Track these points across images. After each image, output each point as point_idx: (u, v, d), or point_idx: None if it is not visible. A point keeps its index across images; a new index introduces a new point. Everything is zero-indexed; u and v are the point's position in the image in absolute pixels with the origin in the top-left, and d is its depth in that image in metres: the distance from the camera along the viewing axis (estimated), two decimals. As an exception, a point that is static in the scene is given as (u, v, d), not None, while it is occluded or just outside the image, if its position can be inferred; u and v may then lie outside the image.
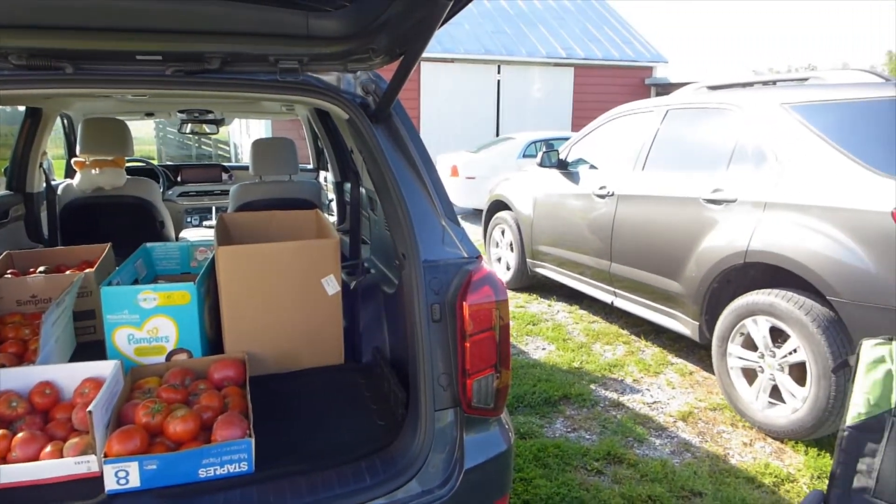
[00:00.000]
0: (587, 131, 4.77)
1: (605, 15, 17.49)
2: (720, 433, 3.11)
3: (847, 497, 1.63)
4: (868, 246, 2.56)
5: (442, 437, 1.55)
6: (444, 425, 1.56)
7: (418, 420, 1.56)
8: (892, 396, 1.58)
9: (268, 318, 2.10)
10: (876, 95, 2.77)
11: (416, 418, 1.57)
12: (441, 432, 1.56)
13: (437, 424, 1.55)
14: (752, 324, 3.06)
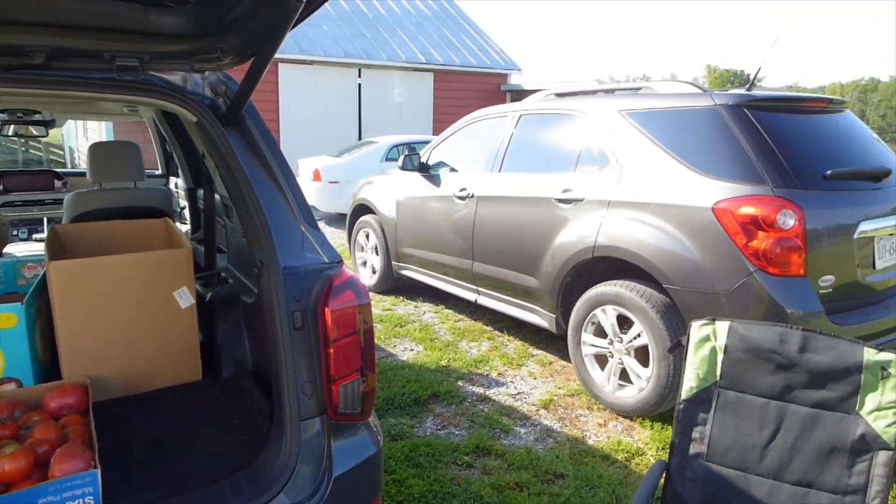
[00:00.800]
0: (447, 135, 4.90)
1: (462, 23, 18.03)
2: (578, 417, 3.33)
3: (685, 463, 1.81)
4: (694, 238, 2.87)
5: (309, 447, 1.52)
6: (311, 434, 1.54)
7: (283, 431, 1.52)
8: (717, 370, 1.78)
9: (113, 337, 1.94)
10: (697, 104, 3.10)
11: (281, 430, 1.53)
12: (308, 442, 1.53)
13: (303, 434, 1.52)
14: (601, 313, 3.30)
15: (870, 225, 2.90)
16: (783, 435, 1.71)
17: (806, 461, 1.68)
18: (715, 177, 2.87)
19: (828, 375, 1.66)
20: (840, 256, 2.85)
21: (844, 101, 3.48)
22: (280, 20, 1.23)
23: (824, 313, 2.68)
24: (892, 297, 3.13)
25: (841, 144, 3.11)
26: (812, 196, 2.75)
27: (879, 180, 3.03)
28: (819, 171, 2.84)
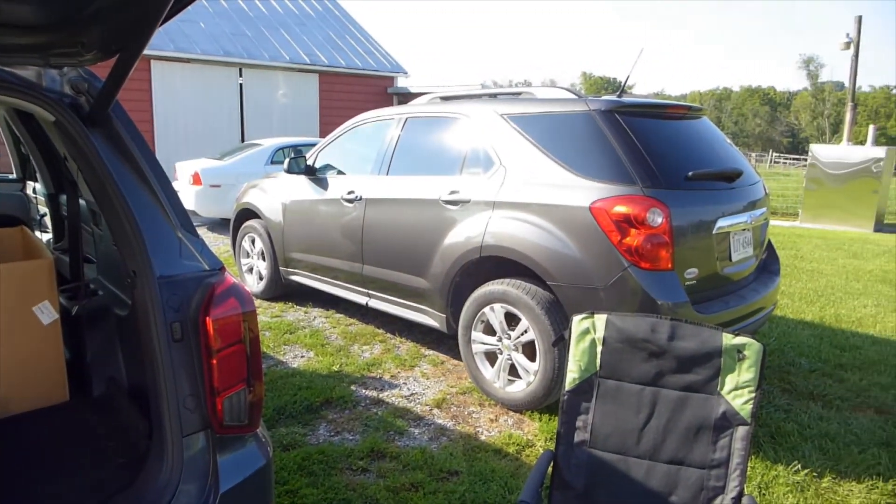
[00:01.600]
0: (333, 137, 4.83)
1: (347, 25, 17.84)
2: (470, 414, 3.39)
3: (570, 451, 1.90)
4: (574, 236, 3.02)
5: (193, 464, 1.45)
6: (195, 451, 1.46)
7: (164, 450, 1.43)
8: (597, 361, 1.89)
9: (-41, 359, 1.74)
10: (573, 109, 3.27)
11: (162, 448, 1.44)
12: (192, 459, 1.45)
13: (186, 451, 1.44)
14: (490, 311, 3.39)
15: (726, 221, 3.19)
16: (657, 418, 1.84)
17: (677, 441, 1.82)
18: (591, 178, 3.04)
19: (693, 360, 1.80)
20: (702, 250, 3.11)
21: (702, 108, 3.80)
22: (148, 14, 1.15)
23: (690, 303, 2.92)
24: (747, 287, 3.46)
25: (700, 148, 3.39)
26: (677, 195, 2.98)
27: (733, 181, 3.34)
28: (682, 172, 3.08)
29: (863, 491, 2.73)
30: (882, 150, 11.01)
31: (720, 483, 1.77)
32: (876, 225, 11.06)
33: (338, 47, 16.39)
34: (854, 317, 5.30)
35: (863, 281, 6.70)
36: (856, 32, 13.70)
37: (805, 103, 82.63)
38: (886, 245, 9.25)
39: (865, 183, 10.98)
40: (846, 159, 11.23)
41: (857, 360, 4.26)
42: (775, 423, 3.29)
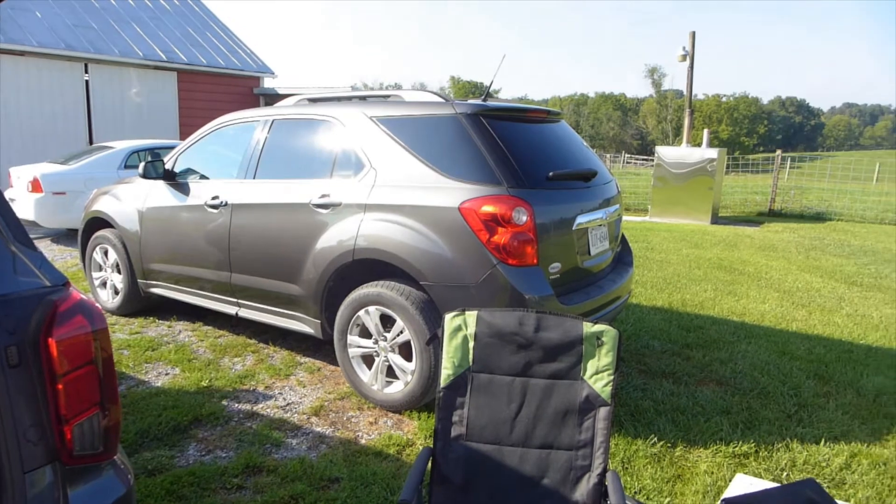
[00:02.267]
0: (194, 140, 4.57)
1: (208, 22, 16.93)
2: (350, 419, 3.36)
3: (448, 446, 1.94)
4: (445, 237, 3.09)
5: (38, 502, 1.31)
6: (41, 487, 1.33)
7: (2, 491, 1.29)
8: (470, 356, 1.94)
9: None
10: (440, 112, 3.34)
11: (0, 489, 1.29)
12: (37, 497, 1.31)
13: (30, 489, 1.30)
14: (365, 314, 3.38)
15: (584, 218, 3.41)
16: (527, 406, 1.93)
17: (547, 426, 1.92)
18: (460, 179, 3.13)
19: (558, 349, 1.91)
20: (564, 246, 3.30)
21: (560, 112, 4.04)
22: None
23: (555, 296, 3.09)
24: (605, 278, 3.72)
25: (559, 150, 3.60)
26: (539, 194, 3.14)
27: (589, 180, 3.58)
28: (543, 172, 3.25)
29: (709, 455, 3.04)
30: (715, 151, 12.28)
31: (586, 462, 1.89)
32: (712, 218, 12.31)
33: (198, 45, 15.52)
34: (697, 300, 5.87)
35: (703, 268, 7.44)
36: (690, 46, 15.16)
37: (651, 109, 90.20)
38: (721, 235, 10.33)
39: (702, 181, 12.20)
40: (686, 159, 12.40)
41: (701, 339, 4.72)
42: (634, 402, 3.57)
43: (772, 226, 12.01)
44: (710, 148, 12.64)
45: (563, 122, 3.92)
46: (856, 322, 5.40)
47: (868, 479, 2.90)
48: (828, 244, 9.81)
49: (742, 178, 22.81)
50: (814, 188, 19.87)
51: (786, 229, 11.50)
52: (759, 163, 20.95)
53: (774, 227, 11.85)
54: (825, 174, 19.61)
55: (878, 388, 3.91)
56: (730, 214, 13.84)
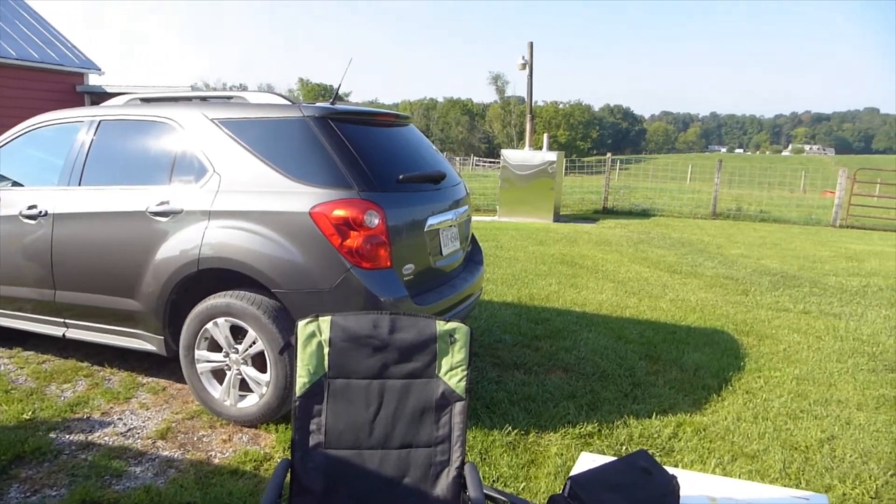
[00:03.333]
0: (4, 142, 4.05)
1: (17, 10, 15.01)
2: (201, 439, 3.17)
3: (307, 456, 1.90)
4: (296, 242, 3.02)
5: None
6: None
7: None
8: (325, 362, 1.92)
9: None
10: (287, 115, 3.25)
11: None
12: None
13: None
14: (213, 327, 3.21)
15: (435, 219, 3.50)
16: (385, 408, 1.94)
17: (405, 426, 1.95)
18: (310, 184, 3.07)
19: (413, 349, 1.95)
20: (416, 247, 3.36)
21: (409, 116, 4.10)
22: None
23: (409, 297, 3.14)
24: (457, 277, 3.84)
25: (408, 153, 3.66)
26: (390, 197, 3.17)
27: (438, 182, 3.68)
28: (393, 175, 3.29)
29: (559, 438, 3.25)
30: (554, 154, 13.16)
31: (445, 457, 1.94)
32: (555, 216, 13.18)
33: (7, 35, 13.73)
34: (543, 294, 6.25)
35: (548, 264, 7.94)
36: (529, 55, 16.10)
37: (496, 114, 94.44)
38: (563, 232, 11.09)
39: (544, 182, 13.01)
40: (529, 162, 13.16)
41: (548, 330, 5.03)
42: (489, 395, 3.73)
43: (606, 222, 13.09)
44: (551, 151, 13.53)
45: (411, 126, 3.99)
46: (678, 306, 6.05)
47: (692, 444, 3.26)
48: (653, 238, 10.89)
49: (579, 178, 24.62)
50: (640, 187, 21.98)
51: (618, 225, 12.60)
52: (593, 165, 22.75)
53: (608, 223, 12.94)
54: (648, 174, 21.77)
55: (697, 364, 4.41)
56: (570, 213, 14.88)
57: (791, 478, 2.99)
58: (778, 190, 27.35)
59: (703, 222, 14.00)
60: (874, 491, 2.91)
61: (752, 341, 5.05)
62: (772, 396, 3.94)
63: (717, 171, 15.29)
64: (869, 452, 3.28)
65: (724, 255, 9.37)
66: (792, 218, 15.25)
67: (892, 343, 5.22)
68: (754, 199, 18.59)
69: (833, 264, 8.98)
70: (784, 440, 3.36)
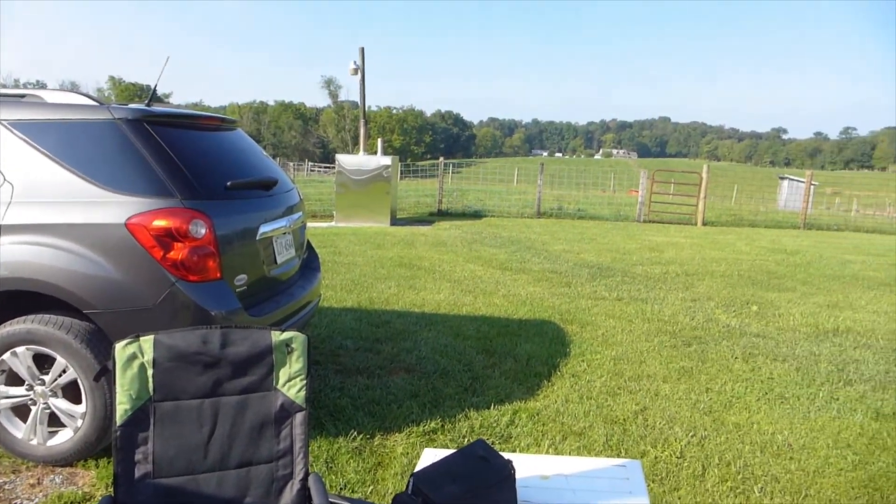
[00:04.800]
0: None
1: None
2: (2, 487, 2.77)
3: (133, 489, 1.74)
4: (111, 257, 2.75)
5: None
6: None
7: None
8: (150, 385, 1.77)
9: None
10: (94, 117, 2.94)
11: None
12: None
13: None
14: (12, 357, 2.82)
15: (268, 227, 3.38)
16: (221, 428, 1.84)
17: (244, 444, 1.86)
18: (125, 192, 2.81)
19: (248, 363, 1.87)
20: (249, 257, 3.22)
21: (235, 120, 3.92)
22: None
23: (242, 309, 3.00)
24: (294, 285, 3.74)
25: (236, 158, 3.50)
26: (218, 205, 3.01)
27: (270, 189, 3.56)
28: (221, 182, 3.13)
29: (404, 438, 3.30)
30: (389, 158, 13.32)
31: (288, 470, 1.89)
32: (391, 220, 13.34)
33: None
34: (383, 297, 6.30)
35: (387, 267, 8.01)
36: (360, 60, 16.12)
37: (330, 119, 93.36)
38: (400, 236, 11.26)
39: (380, 186, 13.12)
40: (364, 166, 13.18)
41: (389, 333, 5.08)
42: (332, 402, 3.68)
43: (441, 224, 13.51)
44: (385, 156, 13.66)
45: (239, 131, 3.82)
46: (510, 301, 6.42)
47: (527, 429, 3.48)
48: (485, 237, 11.44)
49: (414, 182, 25.14)
50: (472, 190, 22.97)
51: (452, 226, 13.06)
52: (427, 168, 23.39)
53: (444, 225, 13.36)
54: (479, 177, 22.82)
55: (529, 353, 4.72)
56: (406, 216, 15.15)
57: (613, 449, 3.31)
58: (592, 190, 30.08)
59: (530, 221, 14.99)
60: (679, 451, 3.32)
61: (575, 329, 5.51)
62: (594, 377, 4.33)
63: (540, 173, 16.45)
64: (674, 418, 3.73)
65: (549, 250, 10.11)
66: (605, 215, 16.86)
67: (688, 321, 5.98)
68: (573, 199, 20.30)
69: (639, 255, 10.07)
70: (606, 416, 3.71)
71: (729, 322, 6.04)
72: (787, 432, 3.63)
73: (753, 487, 3.01)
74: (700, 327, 5.79)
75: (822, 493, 3.00)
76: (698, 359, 4.85)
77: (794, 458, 3.32)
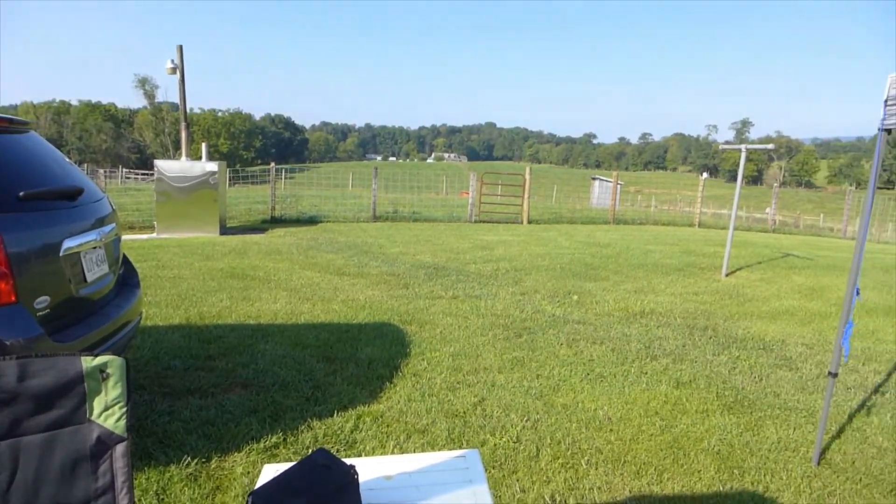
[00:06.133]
0: None
1: None
2: None
3: None
4: None
5: None
6: None
7: None
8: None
9: None
10: None
11: None
12: None
13: None
14: None
15: (74, 241, 3.03)
16: (23, 473, 1.63)
17: (54, 487, 1.66)
18: None
19: (54, 395, 1.67)
20: (51, 276, 2.87)
21: (28, 122, 3.47)
22: None
23: (46, 335, 2.66)
24: (109, 304, 3.40)
25: (32, 165, 3.10)
26: (10, 219, 2.64)
27: (75, 199, 3.20)
28: (12, 192, 2.75)
29: (244, 457, 3.14)
30: (215, 164, 12.57)
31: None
32: (221, 229, 12.61)
33: None
34: (214, 311, 5.94)
35: (217, 279, 7.57)
36: (179, 59, 15.05)
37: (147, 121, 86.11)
38: (231, 245, 10.69)
39: (207, 193, 12.34)
40: (188, 173, 12.32)
41: (222, 348, 4.81)
42: (161, 428, 3.40)
43: (275, 231, 13.05)
44: (211, 161, 12.88)
45: (32, 134, 3.38)
46: (349, 306, 6.38)
47: (372, 432, 3.49)
48: (321, 243, 11.26)
49: (245, 189, 24.02)
50: (306, 195, 22.48)
51: (287, 233, 12.67)
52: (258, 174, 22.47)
53: (278, 232, 12.91)
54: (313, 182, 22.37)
55: (370, 357, 4.72)
56: (237, 224, 14.42)
57: (455, 441, 3.43)
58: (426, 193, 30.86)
59: (366, 225, 15.00)
60: (516, 436, 3.52)
61: (414, 329, 5.62)
62: (434, 374, 4.45)
63: (374, 177, 16.54)
64: (510, 406, 3.95)
65: (386, 253, 10.20)
66: (439, 217, 17.38)
67: (518, 314, 6.37)
68: (408, 202, 20.67)
69: (472, 254, 10.52)
70: (447, 410, 3.83)
71: (554, 312, 6.53)
72: (606, 407, 4.01)
73: (581, 461, 3.29)
74: (529, 319, 6.19)
75: (637, 457, 3.36)
76: (529, 348, 5.19)
77: (614, 430, 3.68)
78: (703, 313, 6.85)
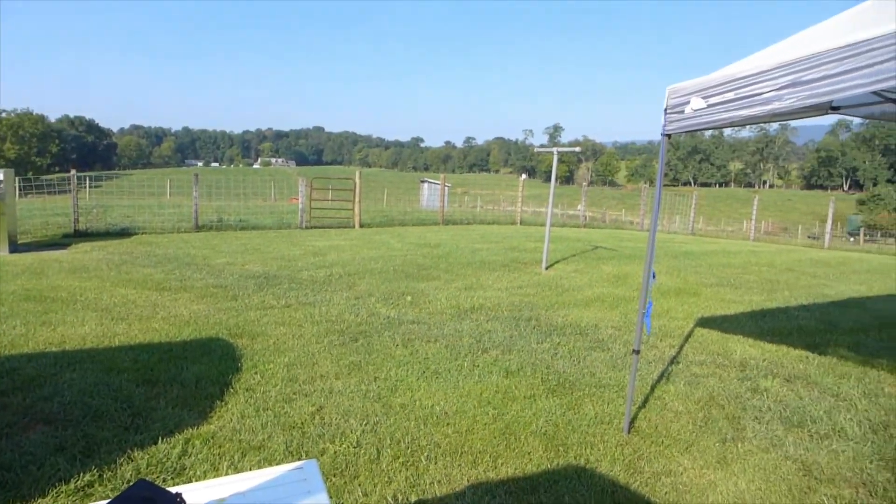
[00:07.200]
0: None
1: None
2: None
3: None
4: None
5: None
6: None
7: None
8: None
9: None
10: None
11: None
12: None
13: None
14: None
15: None
16: None
17: None
18: None
19: None
20: None
21: None
22: None
23: None
24: None
25: None
26: None
27: None
28: None
29: (50, 502, 2.79)
30: (1, 172, 10.97)
31: None
32: (11, 247, 11.03)
33: None
34: (6, 341, 5.19)
35: (7, 303, 6.61)
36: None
37: None
38: (25, 264, 9.39)
39: (-10, 206, 10.72)
40: (-36, 183, 10.61)
41: (18, 381, 4.22)
42: (-60, 483, 2.91)
43: (80, 246, 11.71)
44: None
45: None
46: (171, 323, 5.92)
47: (203, 455, 3.28)
48: (136, 257, 10.32)
49: (41, 199, 21.29)
50: (116, 205, 20.48)
51: (95, 248, 11.43)
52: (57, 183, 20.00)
53: (83, 247, 11.60)
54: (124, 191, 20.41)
55: (197, 375, 4.43)
56: (32, 240, 12.71)
57: (293, 454, 3.35)
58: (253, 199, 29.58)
59: (188, 235, 14.02)
60: (356, 441, 3.52)
61: (245, 342, 5.37)
62: (269, 387, 4.29)
63: (195, 184, 15.51)
64: (349, 411, 3.94)
65: (211, 265, 9.62)
66: (268, 224, 16.75)
67: (353, 318, 6.36)
68: (233, 210, 19.66)
69: (304, 261, 10.30)
70: (283, 423, 3.72)
71: (389, 314, 6.62)
72: (443, 403, 4.15)
73: (421, 457, 3.38)
74: (364, 322, 6.21)
75: (473, 447, 3.53)
76: (365, 351, 5.21)
77: (451, 424, 3.82)
78: (527, 305, 7.35)
